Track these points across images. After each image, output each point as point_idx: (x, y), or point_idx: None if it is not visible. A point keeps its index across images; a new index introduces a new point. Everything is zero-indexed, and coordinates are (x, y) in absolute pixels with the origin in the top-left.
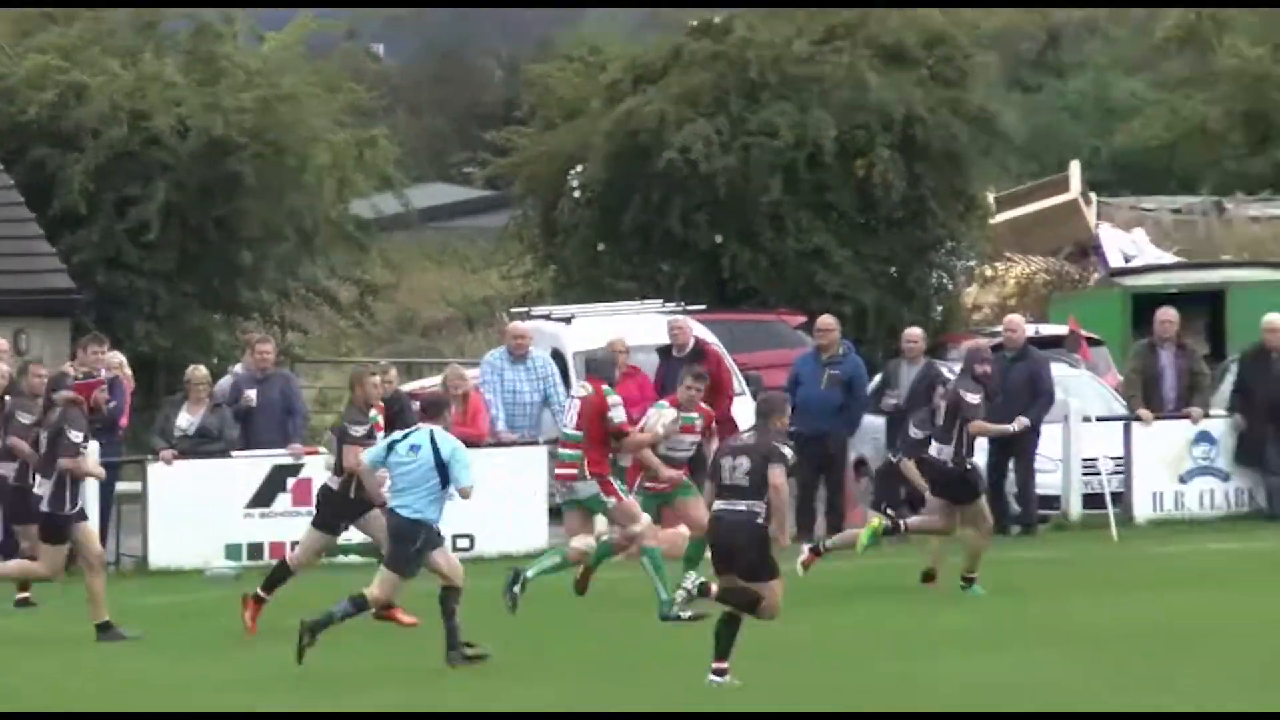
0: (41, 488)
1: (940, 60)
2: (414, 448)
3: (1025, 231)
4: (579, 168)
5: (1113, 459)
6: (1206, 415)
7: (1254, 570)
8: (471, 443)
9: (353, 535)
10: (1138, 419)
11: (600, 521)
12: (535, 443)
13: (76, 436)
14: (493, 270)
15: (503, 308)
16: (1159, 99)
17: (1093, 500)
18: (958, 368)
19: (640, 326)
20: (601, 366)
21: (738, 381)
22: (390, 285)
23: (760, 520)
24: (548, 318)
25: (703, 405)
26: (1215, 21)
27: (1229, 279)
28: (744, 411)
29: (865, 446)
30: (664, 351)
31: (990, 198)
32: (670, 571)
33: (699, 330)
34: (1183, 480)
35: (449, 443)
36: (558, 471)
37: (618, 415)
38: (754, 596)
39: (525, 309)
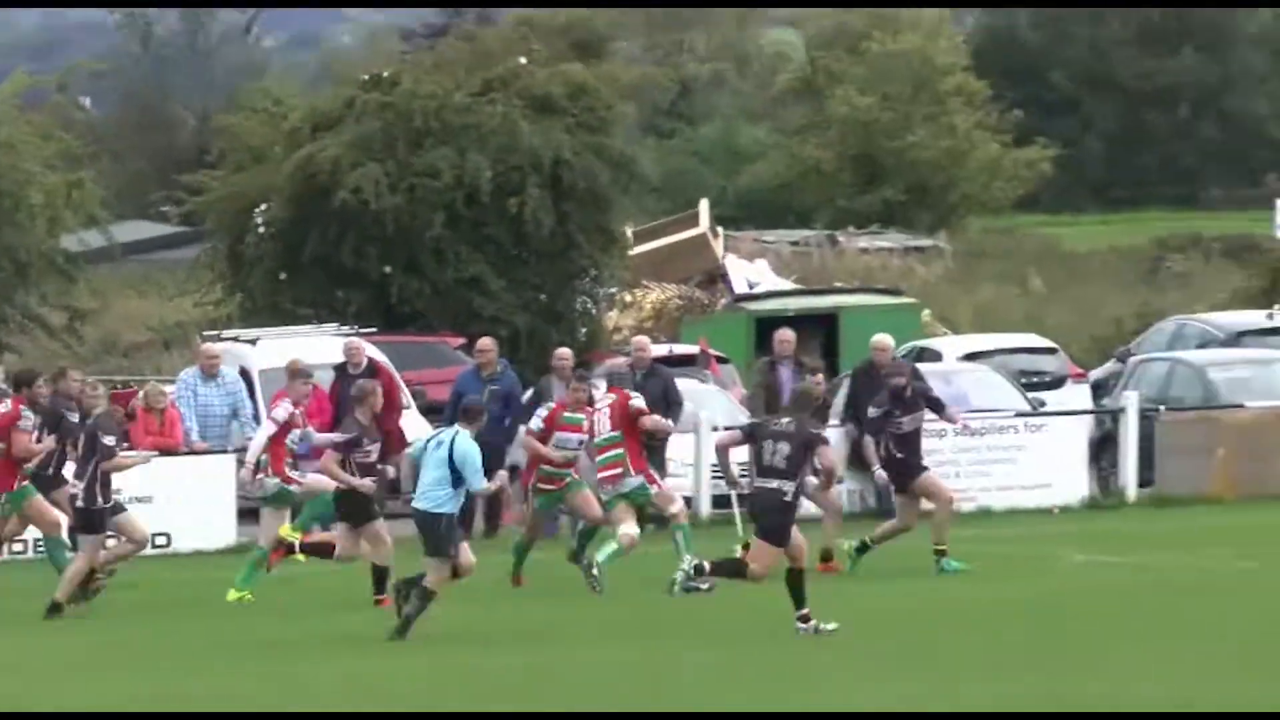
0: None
1: (584, 110)
2: (439, 444)
3: (660, 262)
4: (264, 206)
5: (739, 464)
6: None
7: (868, 560)
8: (168, 451)
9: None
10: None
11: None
12: (225, 451)
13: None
14: (187, 298)
15: (196, 331)
16: (778, 144)
17: (720, 501)
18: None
19: (318, 347)
20: (622, 379)
21: (405, 396)
22: (96, 311)
23: (788, 497)
24: (236, 340)
25: (586, 407)
26: (828, 74)
27: (841, 303)
28: (412, 424)
29: (518, 453)
30: (340, 369)
31: (629, 232)
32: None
33: (371, 351)
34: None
35: (462, 446)
36: (604, 474)
37: (639, 403)
38: (740, 565)
39: (216, 332)
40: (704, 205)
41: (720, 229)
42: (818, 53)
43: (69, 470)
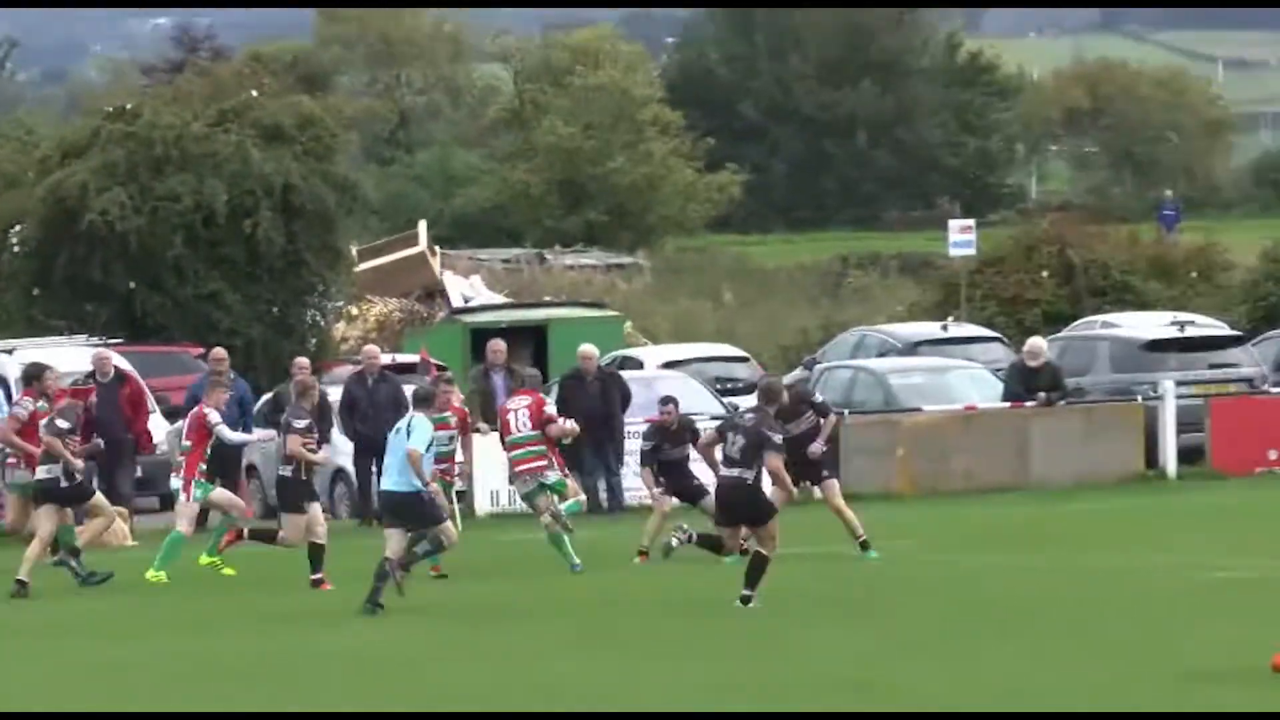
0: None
1: (311, 139)
2: (398, 431)
3: (383, 278)
4: (17, 227)
5: (458, 463)
6: None
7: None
8: None
9: None
10: (478, 430)
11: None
12: None
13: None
14: None
15: None
16: (490, 169)
17: None
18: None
19: (70, 357)
20: (534, 381)
21: (150, 401)
22: None
23: (750, 481)
24: None
25: (455, 405)
26: (535, 105)
27: (550, 316)
28: (157, 427)
29: (254, 455)
30: (90, 377)
31: (354, 250)
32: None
33: (118, 360)
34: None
35: (415, 423)
36: (526, 466)
37: (550, 409)
38: (718, 541)
39: None
40: (422, 226)
41: (438, 248)
42: (525, 85)
43: None
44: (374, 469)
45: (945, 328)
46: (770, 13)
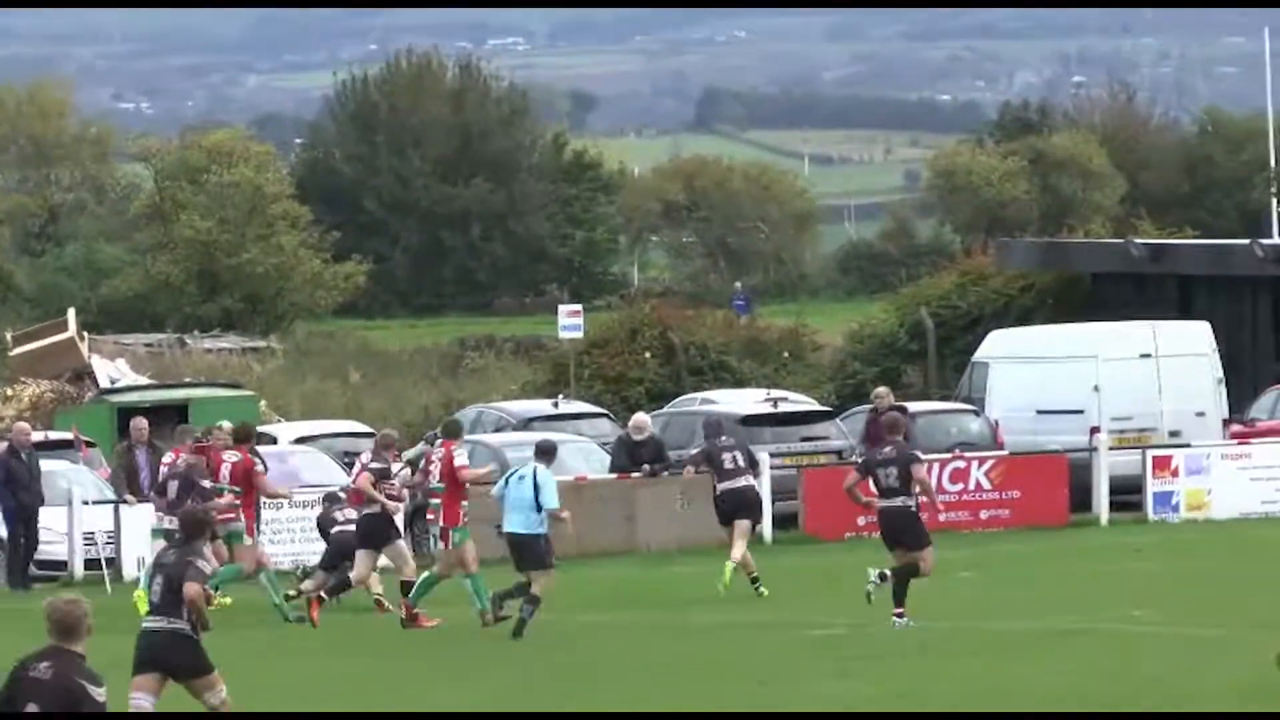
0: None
1: None
2: (520, 478)
3: (36, 361)
4: None
5: (106, 532)
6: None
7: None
8: None
9: None
10: (125, 502)
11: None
12: None
13: None
14: None
15: None
16: (134, 260)
17: (91, 563)
18: None
19: None
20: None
21: None
22: None
23: (912, 508)
24: None
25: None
26: (174, 201)
27: (190, 395)
28: None
29: None
30: None
31: (8, 336)
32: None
33: None
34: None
35: (543, 476)
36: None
37: (460, 459)
38: (914, 563)
39: None
40: (71, 313)
41: (86, 333)
42: (165, 183)
43: None
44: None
45: (556, 404)
46: (391, 114)
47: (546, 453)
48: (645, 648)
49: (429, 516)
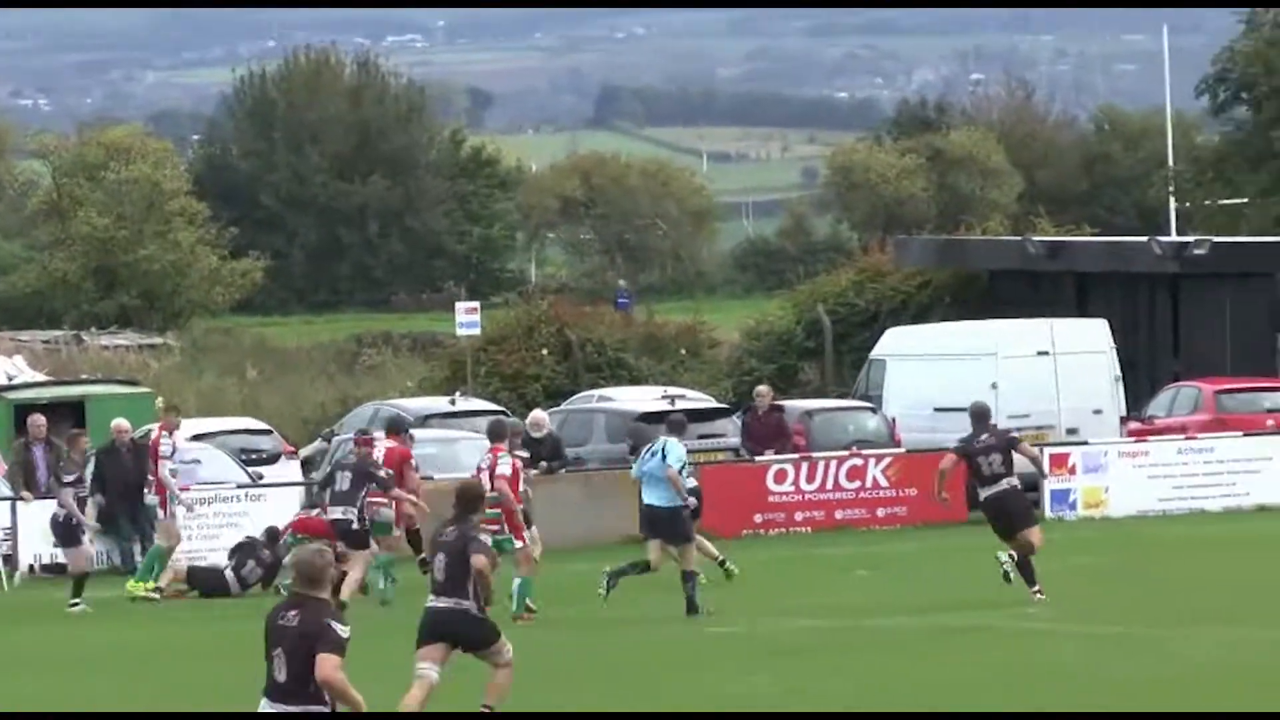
0: None
1: None
2: (653, 453)
3: None
4: None
5: (3, 529)
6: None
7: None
8: None
9: None
10: (22, 499)
11: None
12: None
13: None
14: None
15: None
16: (31, 257)
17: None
18: None
19: None
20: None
21: None
22: None
23: (1019, 487)
24: None
25: None
26: (72, 198)
27: (87, 392)
28: None
29: None
30: None
31: None
32: None
33: None
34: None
35: (665, 442)
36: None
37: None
38: (1030, 542)
39: None
40: None
41: None
42: (63, 180)
43: None
44: None
45: (453, 402)
46: (289, 110)
47: (678, 425)
48: (541, 646)
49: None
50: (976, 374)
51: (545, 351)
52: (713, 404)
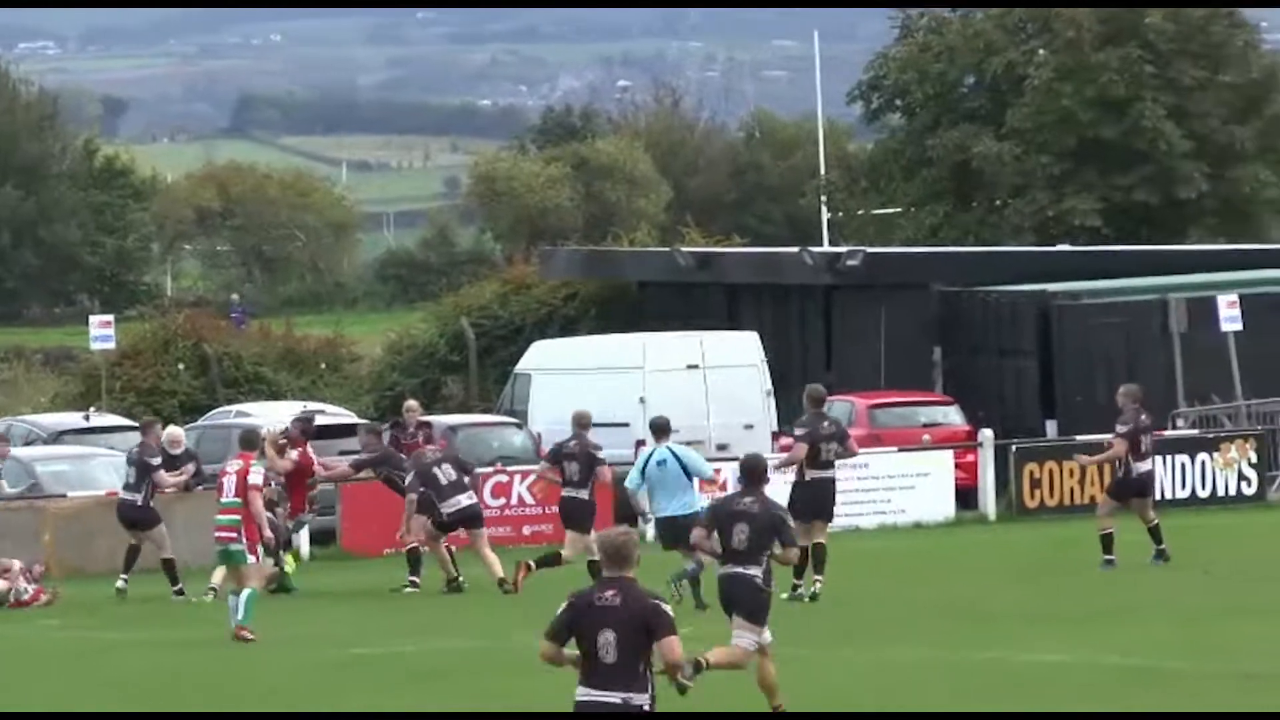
0: None
1: None
2: (660, 462)
3: None
4: None
5: None
6: None
7: None
8: None
9: None
10: None
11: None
12: None
13: None
14: None
15: None
16: None
17: None
18: None
19: None
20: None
21: None
22: None
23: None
24: None
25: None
26: None
27: None
28: None
29: None
30: None
31: None
32: None
33: None
34: None
35: (683, 452)
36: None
37: (255, 478)
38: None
39: None
40: None
41: None
42: None
43: None
44: None
45: (88, 418)
46: None
47: (664, 429)
48: (169, 665)
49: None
50: (624, 388)
51: (181, 366)
52: (355, 419)
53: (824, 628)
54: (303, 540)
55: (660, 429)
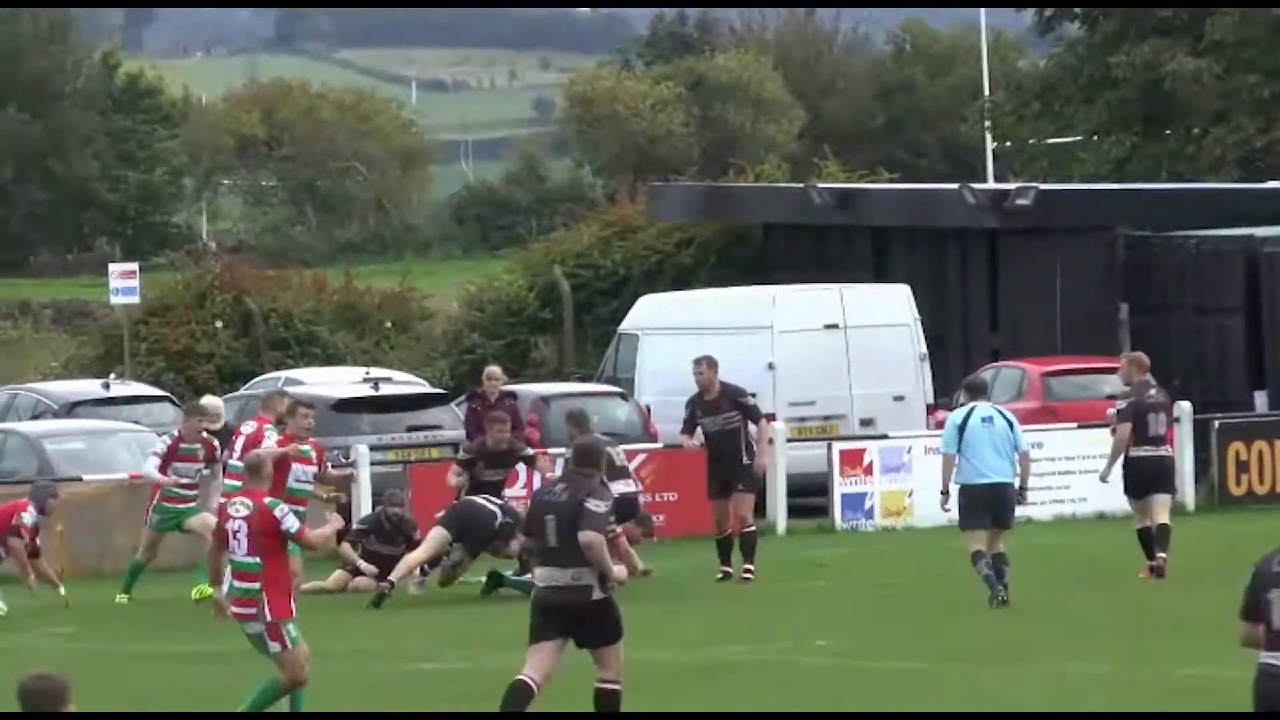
0: None
1: None
2: (986, 419)
3: None
4: None
5: None
6: None
7: None
8: None
9: None
10: None
11: None
12: None
13: None
14: None
15: None
16: None
17: None
18: None
19: None
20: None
21: None
22: None
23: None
24: None
25: (313, 440)
26: None
27: None
28: None
29: None
30: None
31: None
32: None
33: None
34: None
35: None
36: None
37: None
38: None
39: None
40: None
41: None
42: None
43: None
44: None
45: (107, 386)
46: None
47: (982, 389)
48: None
49: None
50: (750, 351)
51: (220, 324)
52: (426, 389)
53: (990, 640)
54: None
55: (976, 388)
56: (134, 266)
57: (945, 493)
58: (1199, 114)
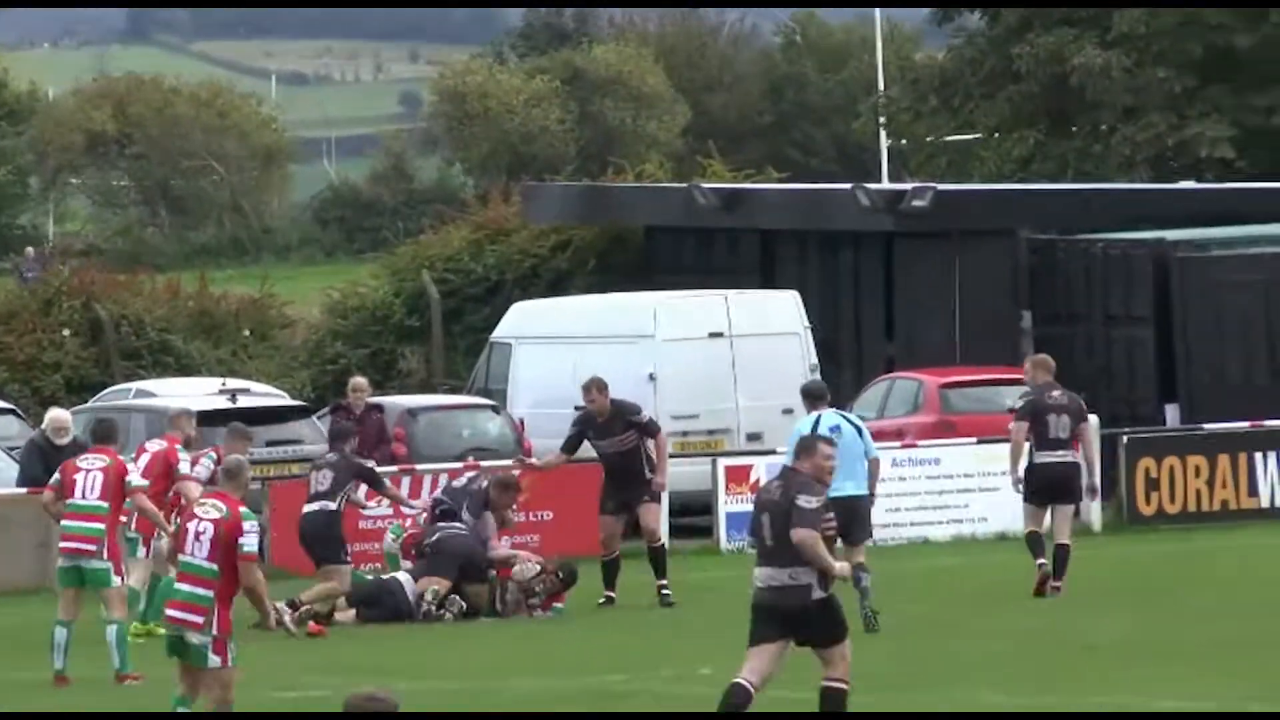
0: None
1: None
2: (834, 428)
3: None
4: None
5: None
6: None
7: None
8: None
9: None
10: None
11: None
12: None
13: None
14: None
15: None
16: None
17: None
18: None
19: None
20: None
21: None
22: None
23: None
24: None
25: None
26: None
27: None
28: None
29: None
30: None
31: None
32: None
33: None
34: None
35: (857, 420)
36: None
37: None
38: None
39: None
40: None
41: None
42: None
43: None
44: None
45: None
46: None
47: (822, 396)
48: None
49: None
50: (630, 362)
51: (67, 332)
52: (287, 401)
53: (887, 666)
54: None
55: (816, 395)
56: None
57: None
58: (1107, 110)
